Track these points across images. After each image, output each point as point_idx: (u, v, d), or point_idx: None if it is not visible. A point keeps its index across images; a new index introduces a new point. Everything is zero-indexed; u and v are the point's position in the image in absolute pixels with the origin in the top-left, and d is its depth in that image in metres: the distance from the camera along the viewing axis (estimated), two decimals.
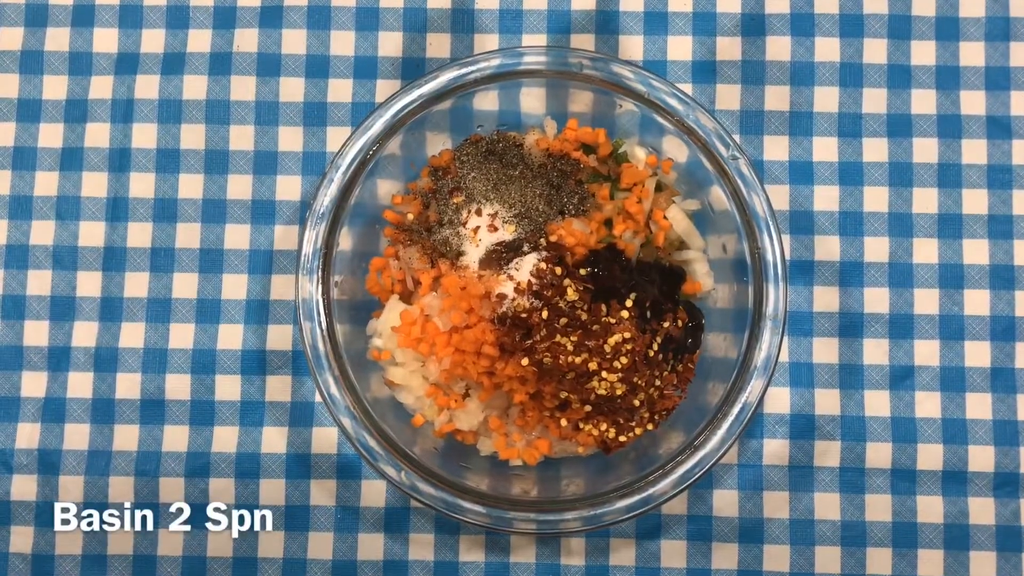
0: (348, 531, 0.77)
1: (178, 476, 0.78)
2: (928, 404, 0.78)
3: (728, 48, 0.82)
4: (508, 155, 0.74)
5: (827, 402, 0.78)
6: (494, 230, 0.72)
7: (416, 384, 0.73)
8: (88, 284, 0.80)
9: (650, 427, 0.72)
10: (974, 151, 0.80)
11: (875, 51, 0.81)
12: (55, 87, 0.82)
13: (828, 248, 0.80)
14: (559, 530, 0.69)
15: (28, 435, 0.78)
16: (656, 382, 0.71)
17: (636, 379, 0.69)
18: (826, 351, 0.79)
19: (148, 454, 0.78)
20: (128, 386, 0.79)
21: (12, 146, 0.81)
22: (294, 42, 0.82)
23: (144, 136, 0.81)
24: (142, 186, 0.81)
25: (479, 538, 0.77)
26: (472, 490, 0.70)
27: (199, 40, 0.82)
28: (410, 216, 0.74)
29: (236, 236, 0.80)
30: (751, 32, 0.82)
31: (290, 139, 0.81)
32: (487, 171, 0.74)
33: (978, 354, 0.79)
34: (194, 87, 0.81)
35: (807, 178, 0.80)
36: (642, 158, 0.76)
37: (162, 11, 0.82)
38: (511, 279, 0.70)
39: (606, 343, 0.68)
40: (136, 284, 0.80)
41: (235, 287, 0.80)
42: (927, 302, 0.79)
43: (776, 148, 0.81)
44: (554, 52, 0.72)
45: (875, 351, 0.79)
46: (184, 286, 0.80)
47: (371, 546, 0.77)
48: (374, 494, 0.78)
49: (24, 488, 0.78)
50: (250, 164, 0.81)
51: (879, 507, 0.77)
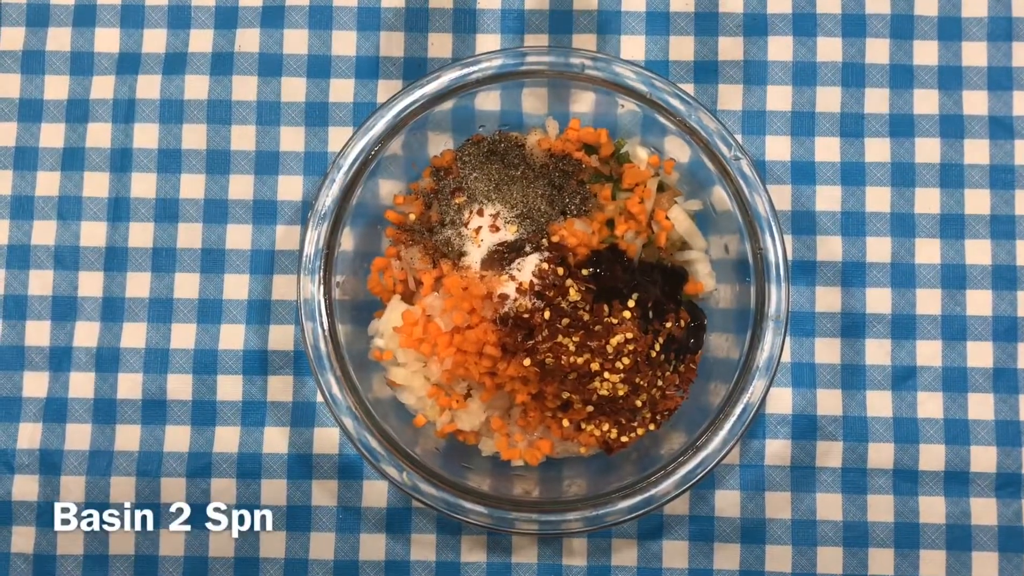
0: (350, 531, 0.77)
1: (180, 476, 0.78)
2: (930, 404, 0.78)
3: (730, 48, 0.82)
4: (510, 155, 0.74)
5: (829, 402, 0.78)
6: (496, 230, 0.72)
7: (418, 384, 0.72)
8: (90, 284, 0.80)
9: (652, 427, 0.72)
10: (976, 151, 0.80)
11: (877, 51, 0.81)
12: (57, 87, 0.82)
13: (830, 248, 0.80)
14: (561, 530, 0.69)
15: (30, 435, 0.78)
16: (658, 382, 0.71)
17: (638, 379, 0.69)
18: (828, 351, 0.79)
19: (150, 454, 0.78)
20: (130, 386, 0.79)
21: (14, 146, 0.81)
22: (296, 42, 0.82)
23: (146, 136, 0.81)
24: (144, 186, 0.81)
25: (481, 538, 0.77)
26: (474, 491, 0.70)
27: (201, 40, 0.82)
28: (412, 216, 0.74)
29: (238, 236, 0.80)
30: (753, 32, 0.82)
31: (292, 139, 0.81)
32: (489, 171, 0.74)
33: (980, 354, 0.79)
34: (196, 87, 0.81)
35: (809, 178, 0.80)
36: (644, 158, 0.75)
37: (164, 11, 0.82)
38: (513, 279, 0.70)
39: (608, 343, 0.68)
40: (138, 284, 0.80)
41: (237, 287, 0.80)
42: (929, 302, 0.79)
43: (778, 148, 0.81)
44: (556, 52, 0.72)
45: (877, 351, 0.79)
46: (186, 286, 0.80)
47: (373, 546, 0.77)
48: (376, 494, 0.78)
49: (26, 488, 0.78)
50: (252, 164, 0.81)
51: (881, 507, 0.77)
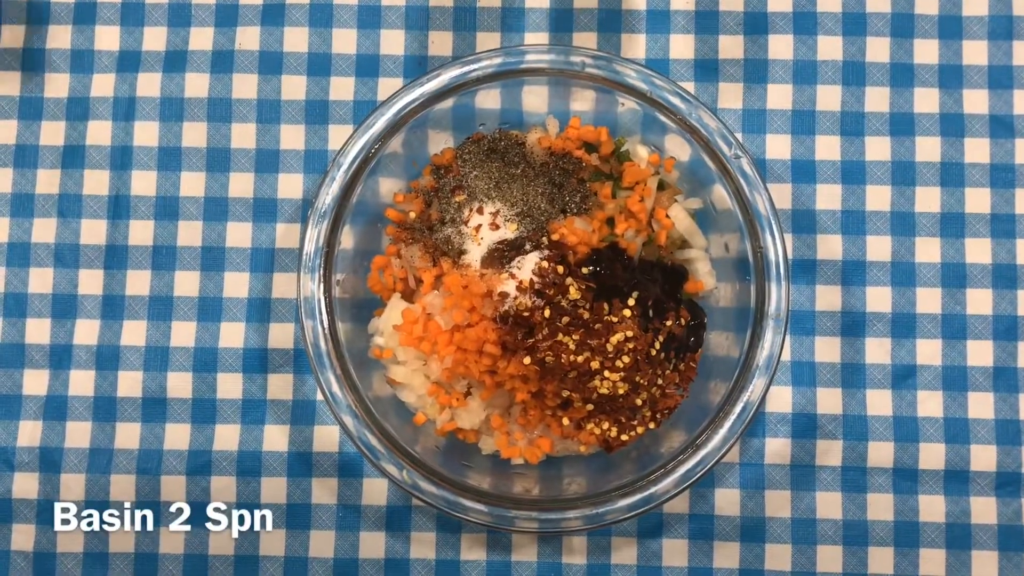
0: (350, 529, 0.77)
1: (180, 474, 0.78)
2: (930, 403, 0.78)
3: (731, 46, 0.81)
4: (510, 153, 0.74)
5: (829, 401, 0.78)
6: (496, 228, 0.72)
7: (418, 383, 0.72)
8: (90, 282, 0.80)
9: (652, 426, 0.72)
10: (977, 150, 0.80)
11: (878, 49, 0.81)
12: (57, 85, 0.82)
13: (830, 247, 0.80)
14: (561, 529, 0.69)
15: (30, 433, 0.78)
16: (658, 381, 0.71)
17: (638, 378, 0.69)
18: (828, 350, 0.79)
19: (150, 452, 0.78)
20: (130, 384, 0.79)
21: (14, 144, 0.81)
22: (296, 40, 0.82)
23: (146, 134, 0.81)
24: (144, 184, 0.81)
25: (481, 537, 0.77)
26: (474, 489, 0.70)
27: (201, 38, 0.82)
28: (412, 214, 0.74)
29: (238, 234, 0.80)
30: (754, 30, 0.82)
31: (292, 137, 0.81)
32: (489, 169, 0.74)
33: (980, 353, 0.78)
34: (196, 85, 0.81)
35: (809, 177, 0.80)
36: (644, 157, 0.75)
37: (164, 9, 0.82)
38: (513, 277, 0.70)
39: (608, 342, 0.68)
40: (138, 282, 0.80)
41: (237, 285, 0.80)
42: (929, 301, 0.79)
43: (779, 147, 0.80)
44: (556, 50, 0.72)
45: (877, 350, 0.79)
46: (186, 284, 0.80)
47: (373, 544, 0.77)
48: (376, 492, 0.78)
49: (26, 486, 0.78)
50: (252, 162, 0.81)
51: (881, 506, 0.77)
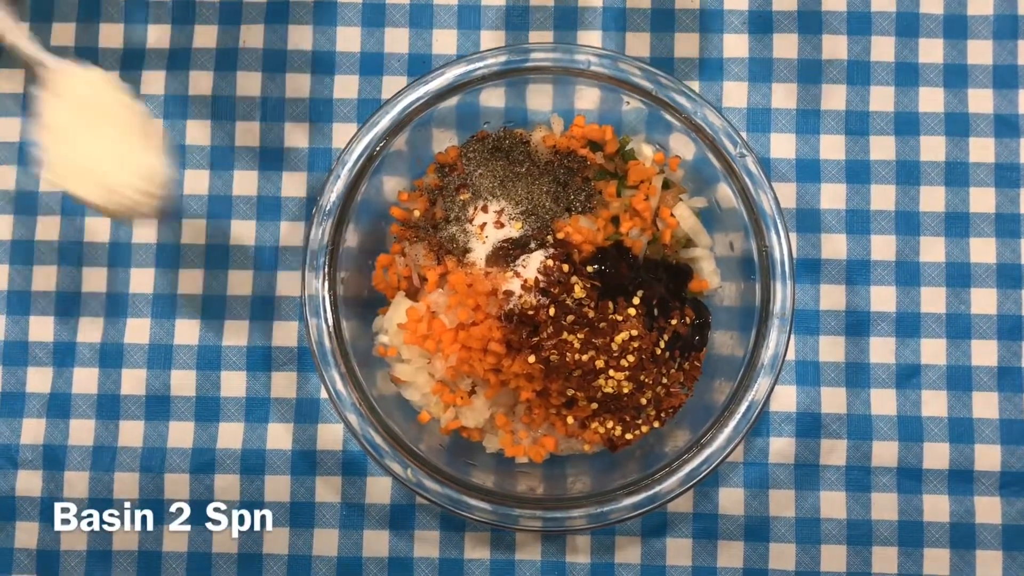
0: (353, 528, 0.77)
1: (183, 472, 0.78)
2: (934, 403, 0.78)
3: (735, 45, 0.81)
4: (515, 152, 0.74)
5: (833, 400, 0.78)
6: (500, 227, 0.72)
7: (422, 381, 0.72)
8: (93, 279, 0.80)
9: (656, 425, 0.72)
10: (982, 149, 0.80)
11: (883, 48, 0.81)
12: None
13: (835, 246, 0.80)
14: (565, 528, 0.69)
15: (33, 431, 0.78)
16: (663, 380, 0.71)
17: (643, 377, 0.69)
18: (832, 349, 0.79)
19: (153, 450, 0.78)
20: (133, 382, 0.79)
21: (17, 142, 0.81)
22: (300, 38, 0.82)
23: None
24: None
25: (484, 535, 0.77)
26: (478, 487, 0.70)
27: (205, 36, 0.82)
28: (416, 213, 0.74)
29: (242, 232, 0.80)
30: (758, 30, 0.81)
31: (296, 135, 0.81)
32: (494, 168, 0.73)
33: (985, 353, 0.78)
34: (200, 83, 0.81)
35: (814, 176, 0.80)
36: (649, 155, 0.75)
37: (168, 6, 0.82)
38: (518, 276, 0.70)
39: (613, 341, 0.68)
40: (141, 280, 0.80)
41: (241, 283, 0.80)
42: (934, 301, 0.79)
43: (783, 146, 0.80)
44: (561, 49, 0.72)
45: (881, 349, 0.79)
46: (190, 282, 0.80)
47: (376, 543, 0.77)
48: (379, 491, 0.78)
49: (29, 484, 0.78)
50: (256, 160, 0.81)
51: (885, 506, 0.77)
